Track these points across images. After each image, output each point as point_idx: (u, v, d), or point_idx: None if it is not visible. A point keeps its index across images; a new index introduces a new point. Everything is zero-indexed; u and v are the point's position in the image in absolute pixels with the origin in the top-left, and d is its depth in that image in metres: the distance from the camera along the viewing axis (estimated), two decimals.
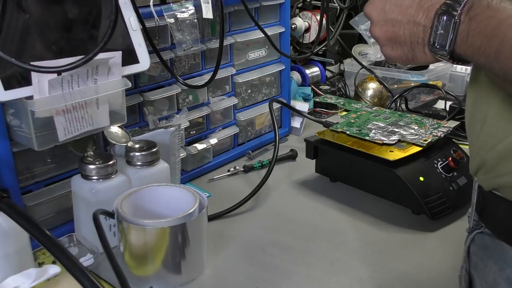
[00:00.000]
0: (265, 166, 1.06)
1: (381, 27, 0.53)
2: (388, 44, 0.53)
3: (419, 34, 0.50)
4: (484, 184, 0.55)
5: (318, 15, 1.34)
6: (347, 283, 0.72)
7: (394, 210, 0.89)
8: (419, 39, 0.50)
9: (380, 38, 0.54)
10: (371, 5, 0.54)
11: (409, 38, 0.51)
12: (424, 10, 0.49)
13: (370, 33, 0.55)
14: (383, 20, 0.52)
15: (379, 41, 0.54)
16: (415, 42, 0.50)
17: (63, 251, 0.50)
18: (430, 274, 0.74)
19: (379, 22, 0.53)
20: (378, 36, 0.54)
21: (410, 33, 0.50)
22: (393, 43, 0.52)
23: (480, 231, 0.59)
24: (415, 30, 0.50)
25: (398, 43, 0.52)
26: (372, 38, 0.57)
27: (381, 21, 0.52)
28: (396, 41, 0.52)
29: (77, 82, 0.69)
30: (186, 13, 0.91)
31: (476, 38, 0.45)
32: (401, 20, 0.50)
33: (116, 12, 0.67)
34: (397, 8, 0.51)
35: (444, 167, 0.88)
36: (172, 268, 0.71)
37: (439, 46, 0.47)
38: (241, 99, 1.11)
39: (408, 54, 0.52)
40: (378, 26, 0.53)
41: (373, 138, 0.92)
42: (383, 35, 0.53)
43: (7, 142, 0.71)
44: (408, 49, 0.51)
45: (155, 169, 0.81)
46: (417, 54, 0.51)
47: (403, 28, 0.51)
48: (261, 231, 0.85)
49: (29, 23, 0.67)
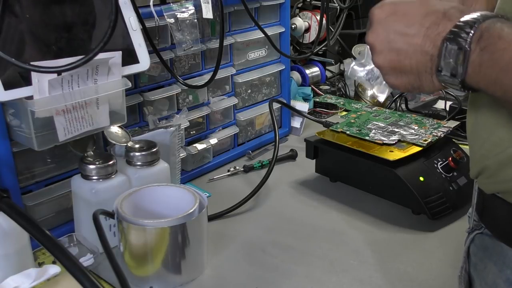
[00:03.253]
0: (265, 166, 1.06)
1: (385, 56, 0.51)
2: (392, 73, 0.52)
3: (426, 63, 0.48)
4: (485, 188, 0.55)
5: (318, 15, 1.34)
6: (347, 283, 0.72)
7: (394, 210, 0.89)
8: (426, 68, 0.48)
9: (384, 67, 0.52)
10: (374, 34, 0.52)
11: (415, 68, 0.49)
12: (431, 39, 0.47)
13: (373, 62, 0.53)
14: (387, 50, 0.51)
15: (382, 70, 0.53)
16: (422, 71, 0.49)
17: (63, 251, 0.50)
18: (430, 274, 0.74)
19: (382, 52, 0.51)
20: (381, 65, 0.52)
21: (417, 62, 0.49)
22: (397, 72, 0.51)
23: (480, 232, 0.59)
24: (422, 59, 0.48)
25: (404, 72, 0.50)
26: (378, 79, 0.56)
27: (385, 50, 0.51)
28: (401, 70, 0.51)
29: (77, 82, 0.69)
30: (186, 13, 0.91)
31: (490, 70, 0.43)
32: (407, 50, 0.49)
33: (116, 12, 0.67)
34: (402, 37, 0.49)
35: (444, 167, 0.88)
36: (172, 268, 0.71)
37: (449, 75, 0.46)
38: (241, 99, 1.11)
39: (415, 83, 0.51)
40: (382, 55, 0.52)
41: (373, 138, 0.92)
42: (387, 64, 0.52)
43: (7, 142, 0.71)
44: (415, 78, 0.50)
45: (155, 169, 0.81)
46: (424, 83, 0.50)
47: (409, 58, 0.49)
48: (261, 231, 0.85)
49: (29, 23, 0.67)
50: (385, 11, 0.51)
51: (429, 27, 0.47)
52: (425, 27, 0.47)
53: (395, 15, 0.50)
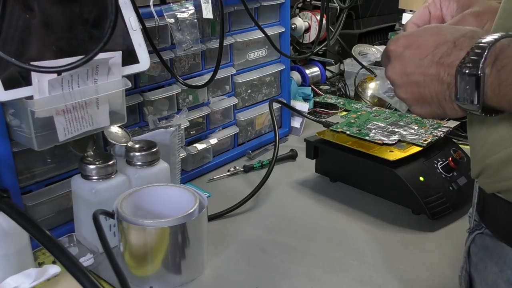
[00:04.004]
0: (265, 166, 1.06)
1: (406, 89, 0.53)
2: (416, 104, 0.53)
3: (444, 92, 0.49)
4: (486, 187, 0.55)
5: (318, 15, 1.34)
6: (347, 283, 0.72)
7: (394, 210, 0.89)
8: (446, 96, 0.49)
9: (408, 100, 0.54)
10: (392, 70, 0.54)
11: (435, 97, 0.50)
12: (444, 67, 0.48)
13: (397, 95, 0.55)
14: (406, 83, 0.52)
15: (407, 102, 0.54)
16: (443, 100, 0.50)
17: (63, 251, 0.50)
18: (430, 274, 0.74)
19: (402, 85, 0.53)
20: (405, 98, 0.54)
21: (436, 92, 0.50)
22: (421, 102, 0.52)
23: (481, 232, 0.59)
24: (439, 89, 0.49)
25: (427, 102, 0.52)
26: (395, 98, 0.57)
27: (405, 84, 0.53)
28: (424, 100, 0.52)
29: (77, 82, 0.69)
30: (186, 13, 0.91)
31: (510, 88, 0.44)
32: (424, 81, 0.50)
33: (116, 12, 0.67)
34: (417, 69, 0.51)
35: (444, 167, 0.88)
36: (172, 268, 0.71)
37: (468, 101, 0.47)
38: (241, 99, 1.11)
39: (438, 111, 0.52)
40: (403, 89, 0.53)
41: (373, 138, 0.92)
42: (409, 96, 0.53)
43: (7, 142, 0.71)
44: (437, 107, 0.51)
45: (155, 169, 0.81)
46: (447, 111, 0.51)
47: (428, 88, 0.50)
48: (261, 231, 0.85)
49: (29, 23, 0.67)
50: (400, 45, 0.53)
51: (441, 57, 0.49)
52: (437, 58, 0.49)
53: (410, 49, 0.52)
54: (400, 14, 1.43)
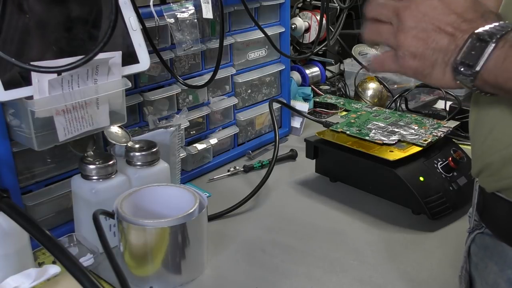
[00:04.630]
0: (265, 166, 1.06)
1: (414, 35, 0.49)
2: (409, 53, 0.50)
3: (448, 51, 0.47)
4: (487, 186, 0.55)
5: (318, 15, 1.34)
6: (347, 283, 0.72)
7: (394, 210, 0.89)
8: (445, 57, 0.48)
9: (405, 45, 0.50)
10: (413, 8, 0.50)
11: (436, 54, 0.48)
12: (462, 31, 0.47)
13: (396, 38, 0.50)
14: (419, 28, 0.49)
15: (402, 49, 0.50)
16: (440, 60, 0.48)
17: (63, 251, 0.50)
18: (430, 274, 0.74)
19: (413, 29, 0.49)
20: (403, 42, 0.50)
21: (440, 48, 0.48)
22: (416, 53, 0.49)
23: (481, 232, 0.59)
24: (446, 47, 0.48)
25: (422, 55, 0.49)
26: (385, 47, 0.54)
27: (417, 28, 0.49)
28: (422, 54, 0.49)
29: (77, 82, 0.69)
30: (186, 13, 0.91)
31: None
32: (437, 35, 0.48)
33: (116, 12, 0.67)
34: (438, 21, 0.48)
35: (444, 167, 0.88)
36: (172, 268, 0.71)
37: (466, 66, 0.46)
38: (241, 99, 1.11)
39: (426, 69, 0.49)
40: (411, 33, 0.49)
41: (373, 138, 0.92)
42: (410, 41, 0.49)
43: (7, 142, 0.71)
44: (429, 65, 0.49)
45: (155, 169, 0.81)
46: (434, 72, 0.49)
47: (435, 42, 0.48)
48: (261, 231, 0.85)
49: (29, 23, 0.67)
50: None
51: (464, 21, 0.47)
52: (461, 19, 0.47)
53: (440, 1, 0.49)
54: None
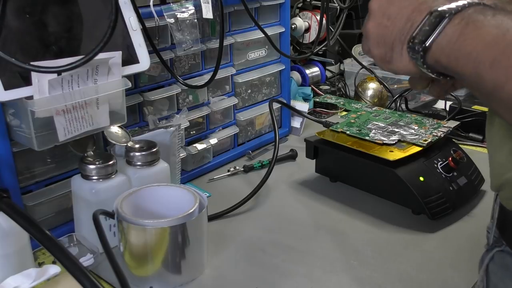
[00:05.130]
0: (265, 166, 1.06)
1: (377, 20, 0.50)
2: (375, 41, 0.50)
3: (404, 31, 0.47)
4: (507, 204, 0.52)
5: (318, 15, 1.34)
6: (347, 283, 0.72)
7: (394, 210, 0.89)
8: (402, 36, 0.47)
9: (371, 33, 0.50)
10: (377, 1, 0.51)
11: (394, 35, 0.48)
12: (420, 10, 0.46)
13: (364, 27, 0.52)
14: (381, 14, 0.49)
15: (368, 36, 0.51)
16: (397, 40, 0.48)
17: (63, 251, 0.50)
18: (430, 274, 0.74)
19: (376, 16, 0.50)
20: (370, 30, 0.50)
21: (398, 30, 0.47)
22: (380, 39, 0.50)
23: (501, 249, 0.56)
24: (403, 26, 0.47)
25: (384, 41, 0.49)
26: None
27: (379, 14, 0.49)
28: (384, 37, 0.49)
29: (77, 82, 0.69)
30: (186, 13, 0.91)
31: (468, 42, 0.42)
32: (396, 17, 0.48)
33: (116, 12, 0.67)
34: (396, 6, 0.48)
35: (444, 167, 0.88)
36: (172, 268, 0.71)
37: (417, 41, 0.45)
38: (241, 99, 1.11)
39: (387, 54, 0.49)
40: (375, 19, 0.50)
41: (373, 138, 0.92)
42: (375, 29, 0.50)
43: (7, 142, 0.71)
44: (389, 48, 0.49)
45: (155, 169, 0.81)
46: (393, 56, 0.49)
47: (394, 25, 0.48)
48: (261, 231, 0.85)
49: (29, 23, 0.67)
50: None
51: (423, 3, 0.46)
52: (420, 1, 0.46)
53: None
54: None
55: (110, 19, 0.66)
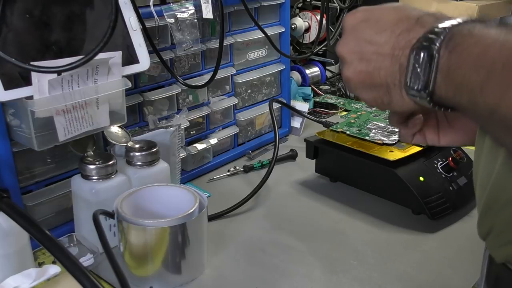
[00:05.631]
0: (265, 166, 1.06)
1: (355, 67, 0.46)
2: (361, 87, 0.47)
3: (395, 74, 0.43)
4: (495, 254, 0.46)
5: (318, 15, 1.34)
6: (347, 283, 0.72)
7: (394, 210, 0.89)
8: (395, 80, 0.43)
9: (353, 80, 0.47)
10: (344, 44, 0.47)
11: (385, 79, 0.44)
12: (401, 47, 0.42)
13: (342, 74, 0.48)
14: (357, 60, 0.45)
15: (351, 83, 0.47)
16: (391, 85, 0.44)
17: (63, 251, 0.50)
18: (430, 274, 0.74)
19: (352, 63, 0.46)
20: (350, 78, 0.47)
21: (386, 74, 0.43)
22: (367, 85, 0.46)
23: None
24: (391, 69, 0.43)
25: (374, 85, 0.45)
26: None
27: (355, 61, 0.46)
28: (371, 83, 0.45)
29: (77, 82, 0.69)
30: (186, 13, 0.91)
31: (457, 72, 0.38)
32: (376, 60, 0.44)
33: (116, 12, 0.67)
34: (372, 45, 0.44)
35: (444, 167, 0.88)
36: (172, 268, 0.71)
37: (417, 87, 0.40)
38: (241, 99, 1.11)
39: (384, 97, 0.45)
40: (352, 66, 0.46)
41: (373, 138, 0.92)
42: (356, 76, 0.46)
43: (7, 142, 0.71)
44: (385, 92, 0.45)
45: (155, 169, 0.81)
46: (393, 99, 0.45)
47: (378, 69, 0.44)
48: (261, 231, 0.85)
49: (29, 23, 0.67)
50: (357, 18, 0.46)
51: (400, 34, 0.42)
52: (396, 34, 0.43)
53: (367, 22, 0.45)
54: None
55: (110, 19, 0.66)
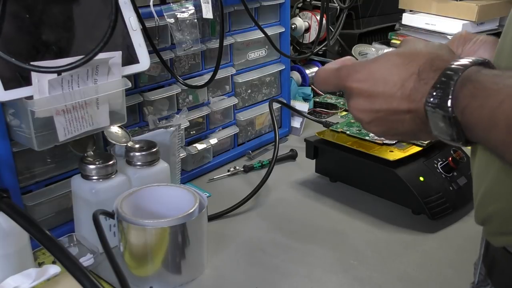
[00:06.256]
0: (265, 166, 1.06)
1: (377, 125, 0.49)
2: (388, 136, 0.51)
3: (420, 126, 0.46)
4: (493, 240, 0.49)
5: (318, 15, 1.34)
6: (347, 283, 0.72)
7: (394, 210, 0.89)
8: (421, 130, 0.46)
9: (378, 133, 0.50)
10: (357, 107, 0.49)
11: (411, 131, 0.47)
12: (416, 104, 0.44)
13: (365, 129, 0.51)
14: (376, 119, 0.48)
15: (377, 135, 0.52)
16: (417, 130, 0.47)
17: (63, 251, 0.50)
18: (430, 274, 0.74)
19: (372, 121, 0.49)
20: (376, 132, 0.50)
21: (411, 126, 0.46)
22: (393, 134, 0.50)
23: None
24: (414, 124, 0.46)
25: (399, 134, 0.49)
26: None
27: (375, 120, 0.48)
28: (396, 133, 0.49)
29: (77, 82, 0.69)
30: (186, 13, 0.91)
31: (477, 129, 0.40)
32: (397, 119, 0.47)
33: (116, 12, 0.67)
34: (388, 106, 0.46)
35: (444, 167, 0.88)
36: (172, 268, 0.71)
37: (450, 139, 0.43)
38: (241, 99, 1.11)
39: (414, 138, 0.50)
40: (373, 124, 0.49)
41: (373, 138, 0.92)
42: (381, 130, 0.49)
43: (7, 142, 0.71)
44: (412, 136, 0.49)
45: (155, 169, 0.81)
46: (422, 138, 0.49)
47: (401, 124, 0.47)
48: (261, 231, 0.85)
49: (29, 23, 0.67)
50: (361, 81, 0.48)
51: (410, 94, 0.45)
52: (407, 93, 0.45)
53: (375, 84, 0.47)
54: (400, 14, 1.43)
55: (110, 19, 0.66)
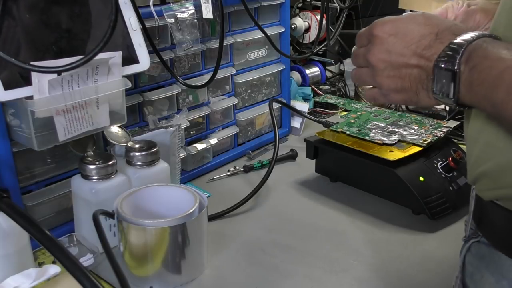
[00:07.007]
0: (265, 166, 1.06)
1: (388, 74, 0.54)
2: (392, 90, 0.54)
3: (423, 81, 0.51)
4: (484, 195, 0.54)
5: (318, 15, 1.34)
6: (347, 283, 0.72)
7: (394, 210, 0.89)
8: (423, 85, 0.51)
9: (385, 85, 0.54)
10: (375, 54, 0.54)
11: (415, 86, 0.52)
12: (425, 59, 0.50)
13: (374, 80, 0.55)
14: (388, 68, 0.53)
15: (383, 88, 0.55)
16: (420, 88, 0.52)
17: (63, 251, 0.50)
18: (430, 274, 0.74)
19: (384, 71, 0.54)
20: (383, 84, 0.55)
21: (416, 81, 0.52)
22: (398, 88, 0.54)
23: (477, 240, 0.57)
24: (419, 78, 0.51)
25: (403, 89, 0.53)
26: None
27: (387, 69, 0.53)
28: (402, 88, 0.53)
29: (77, 82, 0.69)
30: (186, 13, 0.91)
31: (480, 87, 0.45)
32: (406, 69, 0.52)
33: (116, 12, 0.67)
34: (401, 57, 0.52)
35: (444, 167, 0.88)
36: (172, 268, 0.71)
37: (443, 95, 0.49)
38: (241, 99, 1.11)
39: (413, 98, 0.53)
40: (385, 73, 0.54)
41: (373, 138, 0.92)
42: (388, 82, 0.54)
43: (7, 142, 0.71)
44: (413, 94, 0.53)
45: (155, 169, 0.81)
46: (421, 99, 0.53)
47: (408, 77, 0.52)
48: (261, 231, 0.85)
49: (29, 23, 0.67)
50: (386, 31, 0.53)
51: (424, 49, 0.50)
52: (421, 48, 0.51)
53: (396, 36, 0.53)
54: (400, 14, 1.43)
55: (110, 19, 0.66)
